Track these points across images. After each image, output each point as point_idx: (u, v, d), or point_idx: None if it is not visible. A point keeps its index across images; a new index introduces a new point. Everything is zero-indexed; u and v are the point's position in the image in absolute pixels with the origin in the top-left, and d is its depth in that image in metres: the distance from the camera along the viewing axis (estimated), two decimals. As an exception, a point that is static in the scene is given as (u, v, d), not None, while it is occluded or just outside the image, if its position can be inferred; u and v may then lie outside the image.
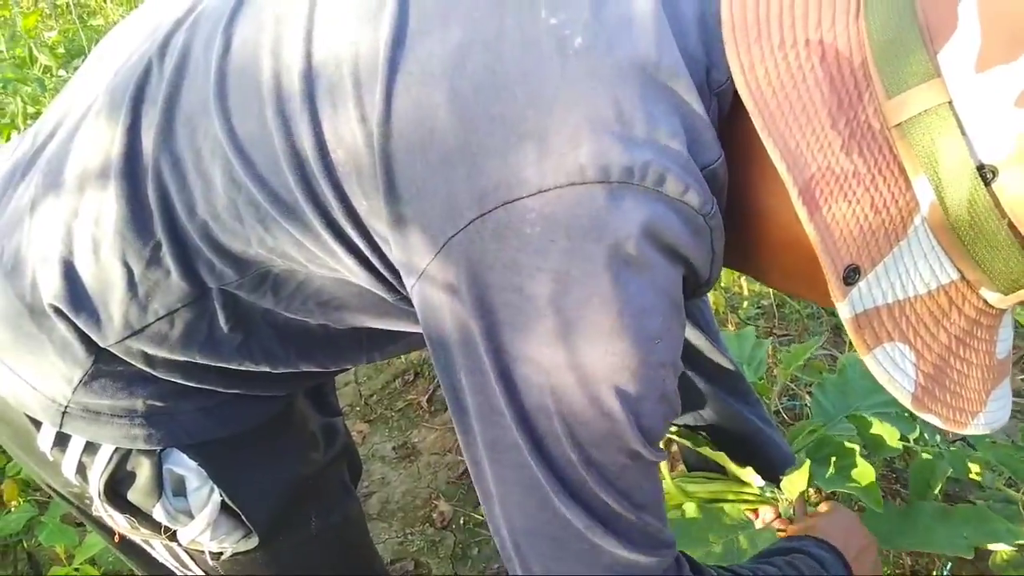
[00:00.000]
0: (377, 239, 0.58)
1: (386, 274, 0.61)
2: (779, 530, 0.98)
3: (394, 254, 0.57)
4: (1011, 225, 0.50)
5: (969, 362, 0.57)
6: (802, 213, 0.51)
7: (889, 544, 0.96)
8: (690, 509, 1.00)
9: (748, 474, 0.99)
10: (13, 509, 1.42)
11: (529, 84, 0.53)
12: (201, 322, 0.67)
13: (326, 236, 0.59)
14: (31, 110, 2.55)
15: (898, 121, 0.51)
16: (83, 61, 0.76)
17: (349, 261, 0.60)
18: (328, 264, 0.62)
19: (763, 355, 1.29)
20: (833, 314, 2.08)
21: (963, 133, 0.49)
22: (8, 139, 2.30)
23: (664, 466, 1.02)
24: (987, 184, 0.49)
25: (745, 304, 2.19)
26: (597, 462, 0.56)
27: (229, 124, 0.60)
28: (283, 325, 0.69)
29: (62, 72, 3.06)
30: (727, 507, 1.02)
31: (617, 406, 0.54)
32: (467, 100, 0.53)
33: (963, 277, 0.54)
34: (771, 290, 2.18)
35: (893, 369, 0.54)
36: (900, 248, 0.53)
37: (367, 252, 0.59)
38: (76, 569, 1.29)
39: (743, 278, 2.18)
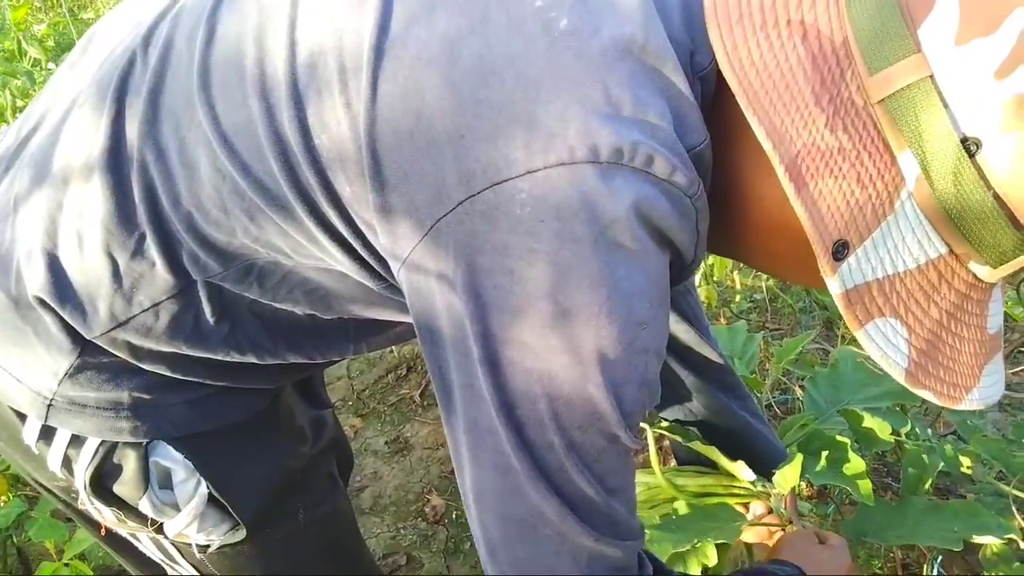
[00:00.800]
0: (361, 226, 0.58)
1: (371, 261, 0.60)
2: (773, 525, 0.98)
3: (380, 240, 0.57)
4: (996, 197, 0.50)
5: (961, 337, 0.57)
6: (789, 189, 0.51)
7: (879, 538, 0.96)
8: (681, 507, 1.00)
9: (739, 467, 0.99)
10: (3, 504, 1.42)
11: (515, 67, 0.53)
12: (186, 314, 0.67)
13: (309, 224, 0.59)
14: (20, 103, 2.53)
15: (881, 97, 0.51)
16: (72, 54, 0.76)
17: (333, 249, 0.60)
18: (313, 254, 0.62)
19: (755, 349, 1.28)
20: (825, 308, 2.08)
21: (945, 106, 0.49)
22: (-3, 132, 2.28)
23: (655, 461, 1.02)
24: (971, 156, 0.49)
25: (737, 298, 2.19)
26: (578, 445, 0.56)
27: (213, 113, 0.60)
28: (270, 316, 0.69)
29: (51, 65, 3.03)
30: (714, 503, 1.02)
31: (602, 389, 0.54)
32: (454, 84, 0.53)
33: (952, 251, 0.54)
34: (764, 284, 2.19)
35: (885, 344, 0.54)
36: (888, 223, 0.53)
37: (351, 239, 0.59)
38: (66, 564, 1.28)
39: (736, 272, 2.18)
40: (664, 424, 1.08)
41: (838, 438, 0.96)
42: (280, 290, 0.67)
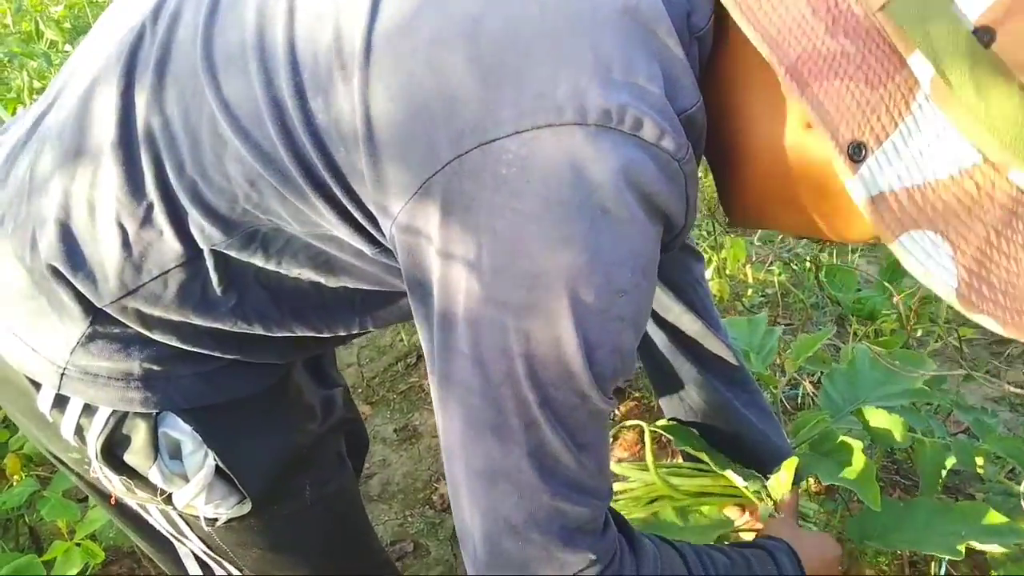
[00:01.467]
0: (356, 187, 0.59)
1: (366, 225, 0.61)
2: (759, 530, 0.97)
3: (372, 199, 0.58)
4: (1023, 87, 0.47)
5: (1017, 260, 0.52)
6: (792, 89, 0.50)
7: (883, 541, 0.95)
8: (667, 514, 1.00)
9: (728, 475, 0.98)
10: (15, 483, 1.43)
11: (508, 29, 0.53)
12: (194, 283, 0.67)
13: (306, 188, 0.60)
14: (37, 84, 2.54)
15: (881, 4, 0.50)
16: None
17: (328, 214, 0.61)
18: (311, 219, 0.62)
19: (774, 344, 1.27)
20: (838, 303, 2.07)
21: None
22: (14, 113, 2.29)
23: (650, 458, 1.01)
24: (986, 47, 0.47)
25: (749, 292, 2.19)
26: (552, 400, 0.56)
27: (215, 81, 0.61)
28: (276, 286, 0.70)
29: (68, 47, 3.04)
30: (705, 508, 1.01)
31: (576, 351, 0.55)
32: (446, 45, 0.54)
33: (986, 159, 0.50)
34: (776, 279, 2.18)
35: (926, 259, 0.51)
36: (907, 126, 0.50)
37: (345, 202, 0.60)
38: (78, 544, 1.29)
39: (748, 266, 2.17)
40: (661, 423, 1.07)
41: (850, 440, 0.95)
42: (284, 255, 0.67)
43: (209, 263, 0.67)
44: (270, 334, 0.73)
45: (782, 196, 0.62)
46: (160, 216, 0.64)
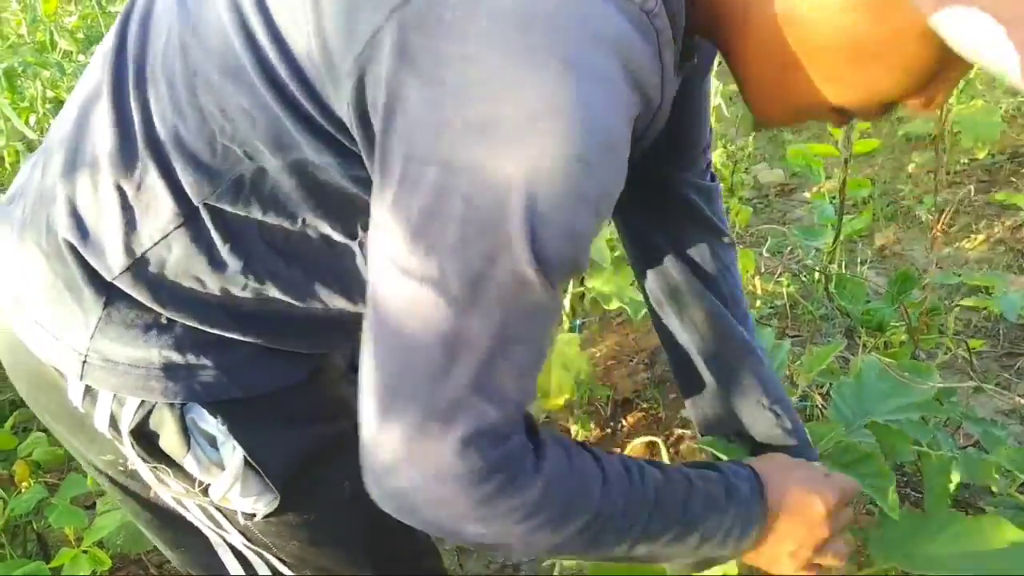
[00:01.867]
0: (313, 82, 0.57)
1: (330, 128, 0.59)
2: None
3: (324, 84, 0.56)
4: None
5: None
6: None
7: (906, 562, 0.93)
8: None
9: None
10: (23, 490, 1.44)
11: None
12: (198, 244, 0.67)
13: (268, 97, 0.58)
14: (50, 94, 2.57)
15: None
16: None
17: (294, 126, 0.59)
18: (281, 140, 0.61)
19: (783, 356, 1.25)
20: (847, 315, 2.06)
21: None
22: (27, 121, 2.32)
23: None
24: None
25: (758, 303, 2.18)
26: (484, 278, 0.52)
27: (187, 16, 0.62)
28: (282, 243, 0.68)
29: (81, 57, 3.07)
30: None
31: (519, 217, 0.50)
32: None
33: None
34: (784, 290, 2.17)
35: (976, 35, 0.45)
36: None
37: (307, 105, 0.58)
38: (85, 551, 1.29)
39: (757, 277, 2.16)
40: (707, 439, 1.04)
41: (870, 451, 0.94)
42: (277, 200, 0.65)
43: (207, 220, 0.66)
44: (286, 298, 0.71)
45: (788, 59, 0.58)
46: (154, 177, 0.65)
